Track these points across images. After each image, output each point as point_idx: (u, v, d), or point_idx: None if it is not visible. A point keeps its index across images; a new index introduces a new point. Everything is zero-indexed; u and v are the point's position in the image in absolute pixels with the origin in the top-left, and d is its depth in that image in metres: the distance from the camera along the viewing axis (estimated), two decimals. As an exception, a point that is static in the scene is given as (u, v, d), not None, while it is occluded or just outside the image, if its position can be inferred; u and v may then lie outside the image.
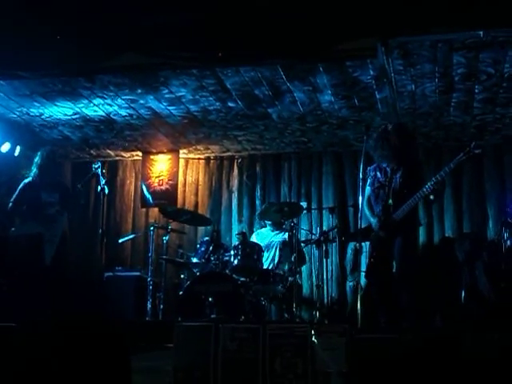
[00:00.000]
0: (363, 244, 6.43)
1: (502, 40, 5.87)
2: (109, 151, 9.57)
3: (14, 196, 7.44)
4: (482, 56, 6.21)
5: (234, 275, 7.19)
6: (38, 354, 4.37)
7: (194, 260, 7.47)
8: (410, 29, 5.55)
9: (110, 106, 7.71)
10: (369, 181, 6.36)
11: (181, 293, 7.10)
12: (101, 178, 6.88)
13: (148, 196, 9.10)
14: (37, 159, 7.56)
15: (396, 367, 4.11)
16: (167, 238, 7.95)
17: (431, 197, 6.02)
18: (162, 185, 9.54)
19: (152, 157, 9.62)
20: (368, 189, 6.38)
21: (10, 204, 7.44)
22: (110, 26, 5.98)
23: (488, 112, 7.68)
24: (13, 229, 7.62)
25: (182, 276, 7.80)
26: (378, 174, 6.32)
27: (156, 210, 9.31)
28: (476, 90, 7.06)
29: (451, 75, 6.68)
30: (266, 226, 8.35)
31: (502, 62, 6.36)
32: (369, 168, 6.33)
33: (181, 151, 9.49)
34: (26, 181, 7.53)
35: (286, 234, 7.89)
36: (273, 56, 6.04)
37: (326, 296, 7.82)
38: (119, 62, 6.05)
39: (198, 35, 5.88)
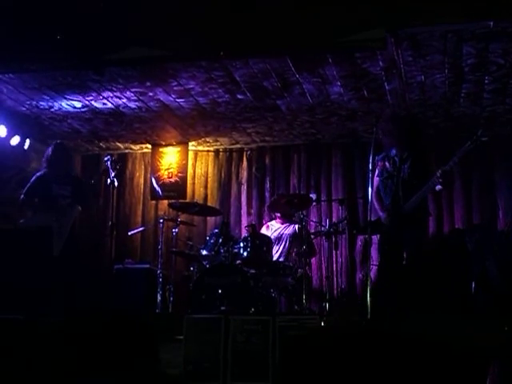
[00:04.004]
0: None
1: (511, 31, 5.84)
2: (118, 144, 9.58)
3: (26, 188, 7.49)
4: (492, 46, 6.18)
5: (243, 267, 7.19)
6: (49, 346, 4.39)
7: (204, 252, 7.47)
8: (419, 19, 5.53)
9: (119, 98, 7.72)
10: (377, 171, 6.36)
11: (190, 285, 7.12)
12: (110, 170, 6.90)
13: (157, 188, 9.11)
14: (46, 152, 7.61)
15: (405, 358, 4.11)
16: (177, 230, 7.97)
17: (437, 187, 6.02)
18: (171, 177, 9.55)
19: (161, 149, 9.62)
20: (376, 179, 6.38)
21: (22, 196, 7.49)
22: (117, 18, 5.99)
23: (498, 103, 7.65)
24: (21, 220, 7.67)
25: (191, 268, 7.81)
26: (387, 163, 6.32)
27: (165, 202, 9.33)
28: (486, 81, 7.03)
29: (461, 66, 6.65)
30: (275, 218, 8.35)
31: (511, 53, 6.32)
32: (377, 158, 6.31)
33: (190, 143, 9.49)
34: (38, 174, 7.60)
35: (296, 226, 7.90)
36: (282, 47, 6.03)
37: (335, 288, 7.82)
38: (127, 55, 6.06)
39: (207, 27, 5.88)
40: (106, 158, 7.13)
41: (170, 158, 9.58)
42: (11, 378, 4.26)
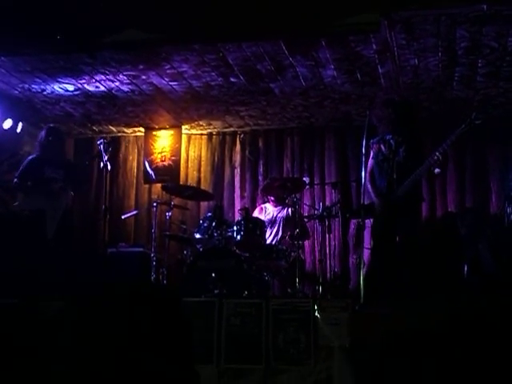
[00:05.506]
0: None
1: (505, 14, 5.84)
2: (111, 127, 9.55)
3: (19, 172, 7.50)
4: (486, 30, 6.17)
5: (237, 251, 7.21)
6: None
7: (197, 236, 7.48)
8: (413, 3, 5.53)
9: (112, 81, 7.69)
10: (372, 153, 6.37)
11: (184, 268, 7.13)
12: (103, 154, 6.88)
13: (150, 172, 9.10)
14: (39, 136, 7.63)
15: (397, 341, 4.13)
16: (170, 213, 7.96)
17: (436, 170, 6.04)
18: (164, 161, 9.53)
19: (154, 133, 9.60)
20: (371, 162, 6.39)
21: (15, 179, 7.49)
22: (110, 1, 5.96)
23: (491, 86, 7.65)
24: (16, 203, 7.67)
25: (185, 252, 7.82)
26: (382, 146, 6.33)
27: (159, 185, 9.31)
28: (479, 64, 7.02)
29: (454, 49, 6.64)
30: (268, 202, 8.36)
31: (505, 36, 6.32)
32: (372, 140, 6.33)
33: (183, 127, 9.47)
34: (30, 157, 7.61)
35: (289, 209, 7.90)
36: (275, 31, 6.02)
37: (328, 271, 7.84)
38: (120, 38, 6.04)
39: (200, 10, 5.86)
40: (98, 142, 7.11)
41: (163, 142, 9.56)
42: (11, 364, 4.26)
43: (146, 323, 1.72)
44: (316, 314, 4.70)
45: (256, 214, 8.21)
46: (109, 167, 6.87)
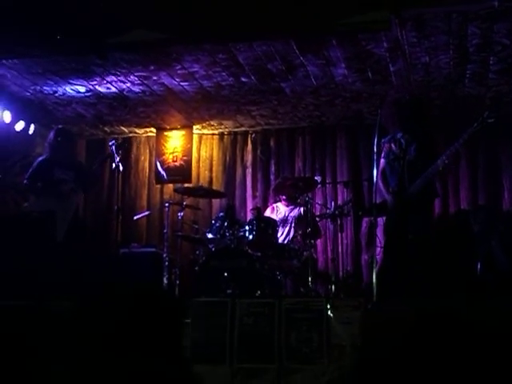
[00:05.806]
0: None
1: (517, 10, 5.82)
2: (122, 128, 9.57)
3: (29, 173, 7.51)
4: (497, 27, 6.15)
5: (249, 250, 7.20)
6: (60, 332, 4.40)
7: (210, 236, 7.49)
8: (423, 0, 5.51)
9: (123, 82, 7.71)
10: (383, 153, 6.36)
11: (197, 268, 7.14)
12: (115, 155, 6.90)
13: (162, 172, 9.12)
14: (48, 137, 7.65)
15: (410, 341, 4.12)
16: (182, 214, 7.97)
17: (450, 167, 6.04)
18: (176, 161, 9.55)
19: (166, 133, 9.62)
20: (382, 161, 6.38)
21: (25, 181, 7.51)
22: (119, 1, 5.98)
23: (503, 83, 7.62)
24: (26, 204, 7.70)
25: (197, 252, 7.82)
26: (393, 145, 6.31)
27: (171, 186, 9.34)
28: (491, 61, 7.00)
29: (466, 46, 6.62)
30: (280, 201, 8.35)
31: (517, 33, 6.30)
32: (383, 140, 6.32)
33: (194, 127, 9.49)
34: (40, 159, 7.62)
35: (301, 208, 7.90)
36: (285, 30, 6.01)
37: (341, 270, 7.84)
38: (130, 39, 6.05)
39: (210, 10, 5.86)
40: (110, 143, 7.14)
41: (174, 142, 9.58)
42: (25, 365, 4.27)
43: (146, 323, 1.73)
44: (329, 312, 4.69)
45: (268, 213, 8.21)
46: (121, 168, 6.89)
